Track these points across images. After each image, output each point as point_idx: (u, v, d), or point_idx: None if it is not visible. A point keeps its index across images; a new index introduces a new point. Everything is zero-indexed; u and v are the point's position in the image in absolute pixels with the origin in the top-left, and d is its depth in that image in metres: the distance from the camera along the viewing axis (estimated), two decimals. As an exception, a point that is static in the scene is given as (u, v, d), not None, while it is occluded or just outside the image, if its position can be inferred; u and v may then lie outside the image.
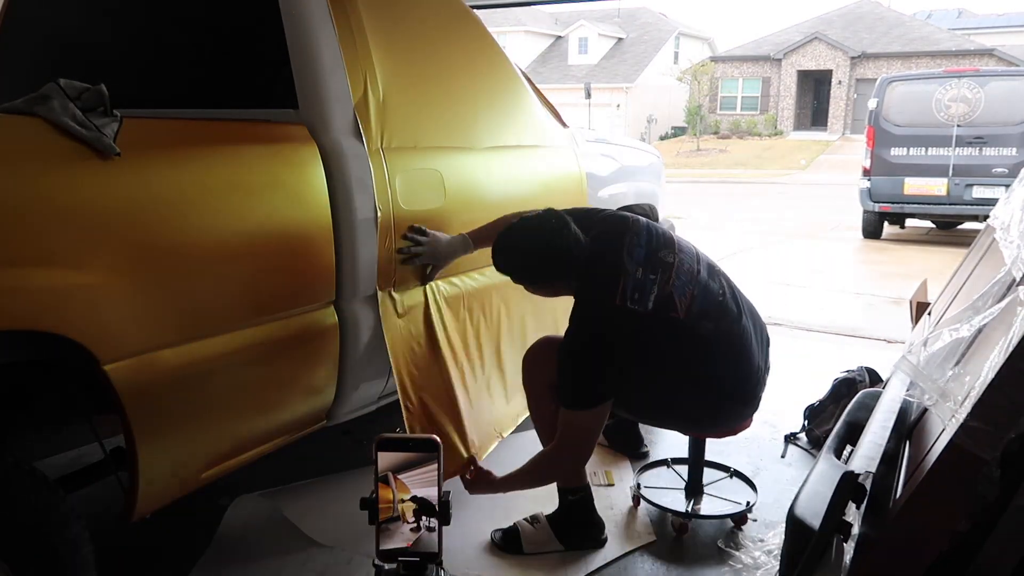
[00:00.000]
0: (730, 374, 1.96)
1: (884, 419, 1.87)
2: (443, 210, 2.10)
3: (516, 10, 27.29)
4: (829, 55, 28.32)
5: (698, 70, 29.27)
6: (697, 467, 2.29)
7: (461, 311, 2.22)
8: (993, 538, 1.25)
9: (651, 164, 3.61)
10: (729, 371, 1.96)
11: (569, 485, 2.06)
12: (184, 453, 1.52)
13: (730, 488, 2.36)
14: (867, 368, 2.93)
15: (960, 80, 8.15)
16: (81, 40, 2.24)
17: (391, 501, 1.07)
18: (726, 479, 2.41)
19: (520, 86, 2.61)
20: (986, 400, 1.23)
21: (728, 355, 1.95)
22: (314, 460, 2.52)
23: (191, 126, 1.59)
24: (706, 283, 1.95)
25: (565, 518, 2.07)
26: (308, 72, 1.79)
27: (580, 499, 2.07)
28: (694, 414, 2.03)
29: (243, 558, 1.99)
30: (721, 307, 1.94)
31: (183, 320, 1.44)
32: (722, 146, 25.99)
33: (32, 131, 1.25)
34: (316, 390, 1.84)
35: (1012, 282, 1.58)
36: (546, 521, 2.08)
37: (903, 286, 5.56)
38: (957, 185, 7.99)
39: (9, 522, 1.21)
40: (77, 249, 1.26)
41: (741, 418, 2.07)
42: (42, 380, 1.54)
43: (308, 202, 1.72)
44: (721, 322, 1.93)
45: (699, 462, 2.29)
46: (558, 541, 2.05)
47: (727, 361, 1.95)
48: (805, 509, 1.58)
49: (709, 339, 1.90)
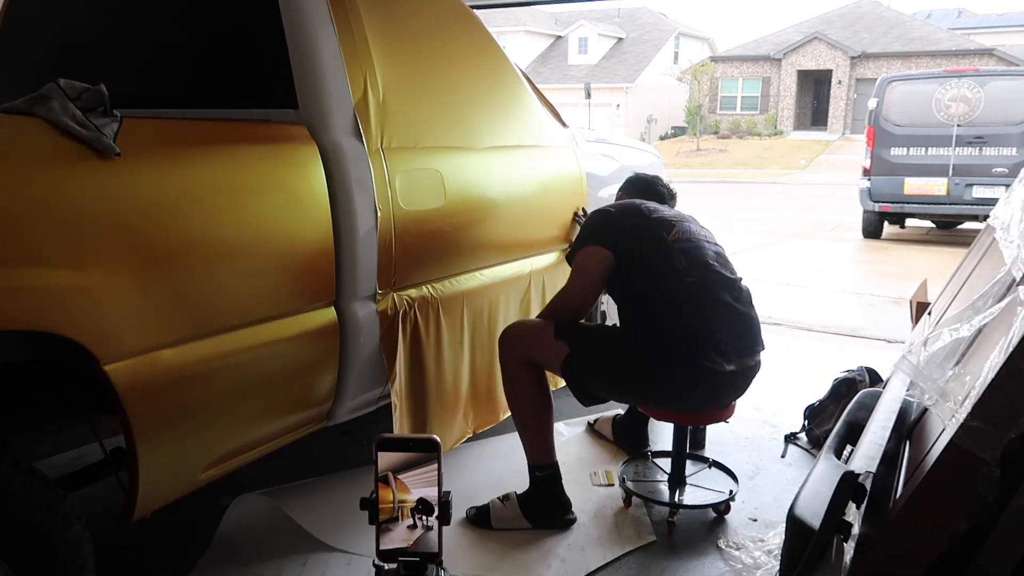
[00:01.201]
0: (683, 324, 2.00)
1: (884, 419, 1.87)
2: (443, 210, 2.10)
3: (516, 10, 27.29)
4: (829, 55, 28.32)
5: (698, 70, 29.28)
6: (680, 458, 2.32)
7: (459, 311, 2.22)
8: (993, 538, 1.25)
9: (651, 164, 3.61)
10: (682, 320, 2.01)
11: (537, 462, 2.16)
12: (184, 453, 1.52)
13: (711, 478, 2.40)
14: (867, 368, 2.93)
15: (960, 80, 8.15)
16: (81, 40, 2.24)
17: (391, 501, 1.07)
18: (705, 469, 2.45)
19: (520, 86, 2.61)
20: (986, 400, 1.23)
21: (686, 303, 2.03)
22: (314, 460, 2.52)
23: (191, 126, 1.59)
24: (703, 246, 2.14)
25: (533, 496, 2.15)
26: (308, 72, 1.79)
27: (548, 476, 2.16)
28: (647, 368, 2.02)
29: (243, 558, 1.99)
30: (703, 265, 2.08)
31: (183, 320, 1.44)
32: (722, 146, 25.99)
33: (32, 131, 1.25)
34: (316, 390, 1.84)
35: (1012, 282, 1.58)
36: (516, 500, 2.16)
37: (903, 286, 5.57)
38: (957, 185, 8.00)
39: (9, 522, 1.21)
40: (77, 249, 1.26)
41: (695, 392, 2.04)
42: (42, 380, 1.54)
43: (308, 202, 1.72)
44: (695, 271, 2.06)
45: (682, 453, 2.31)
46: (524, 519, 2.13)
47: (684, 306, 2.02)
48: (805, 509, 1.57)
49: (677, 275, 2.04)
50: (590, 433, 2.84)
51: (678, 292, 2.04)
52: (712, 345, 1.99)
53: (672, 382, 2.03)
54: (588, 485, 2.44)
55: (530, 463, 2.17)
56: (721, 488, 2.32)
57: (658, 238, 2.11)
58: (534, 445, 2.16)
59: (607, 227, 2.18)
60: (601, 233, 2.16)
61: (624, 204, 2.28)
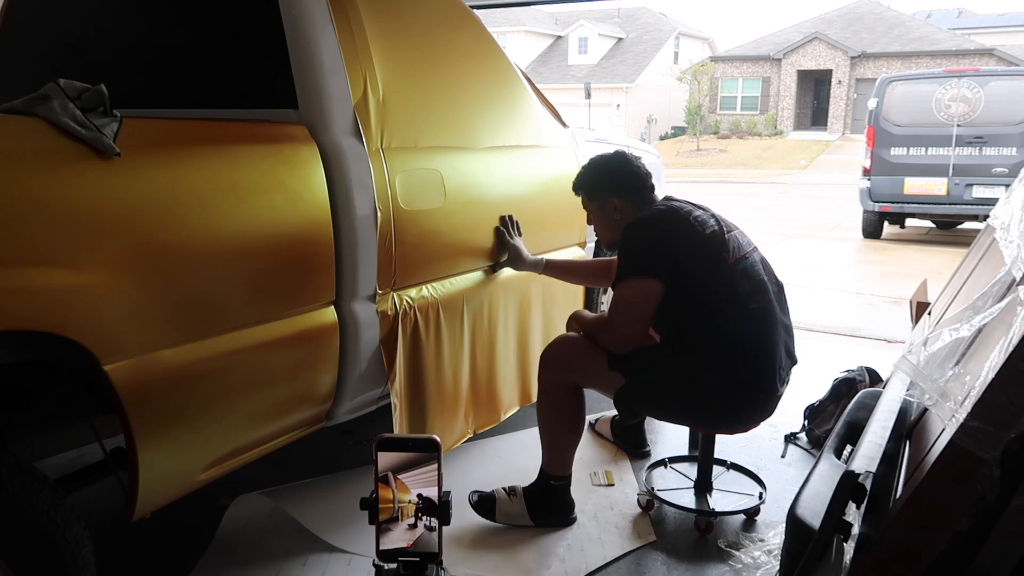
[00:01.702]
0: (750, 351, 1.94)
1: (884, 419, 1.87)
2: (443, 210, 2.10)
3: (516, 10, 27.30)
4: (829, 55, 28.32)
5: (698, 70, 29.27)
6: (707, 464, 2.29)
7: (459, 311, 2.22)
8: (993, 538, 1.25)
9: (651, 164, 3.59)
10: (750, 347, 1.94)
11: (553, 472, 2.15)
12: (184, 453, 1.51)
13: (735, 481, 2.37)
14: (867, 368, 2.93)
15: (960, 80, 8.15)
16: (81, 40, 2.24)
17: (391, 501, 1.07)
18: (725, 473, 2.43)
19: (520, 86, 2.61)
20: (986, 400, 1.23)
21: (754, 330, 1.95)
22: (314, 460, 2.52)
23: (191, 126, 1.59)
24: (756, 262, 2.04)
25: (542, 497, 2.15)
26: (308, 72, 1.79)
27: (562, 486, 2.17)
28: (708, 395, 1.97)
29: (243, 558, 1.99)
30: (762, 286, 1.99)
31: (183, 320, 1.44)
32: (722, 146, 25.99)
33: (32, 131, 1.25)
34: (316, 390, 1.84)
35: (1012, 282, 1.58)
36: (522, 495, 2.16)
37: (903, 286, 5.57)
38: (957, 185, 8.00)
39: (9, 522, 1.21)
40: (77, 249, 1.26)
41: (751, 412, 2.02)
42: (42, 380, 1.54)
43: (308, 202, 1.72)
44: (758, 295, 1.96)
45: (708, 459, 2.29)
46: (528, 516, 2.14)
47: (751, 333, 1.95)
48: (805, 509, 1.58)
49: (743, 300, 1.94)
50: (590, 433, 2.84)
51: (745, 321, 1.95)
52: (775, 372, 1.98)
53: (733, 408, 2.00)
54: (588, 485, 2.44)
55: (547, 471, 2.16)
56: (748, 491, 2.30)
57: (719, 260, 1.96)
58: (556, 457, 2.16)
59: (660, 252, 1.97)
60: (653, 259, 1.96)
61: (671, 217, 2.02)
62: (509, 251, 2.36)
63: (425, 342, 2.07)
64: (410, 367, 2.03)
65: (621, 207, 2.15)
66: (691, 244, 1.97)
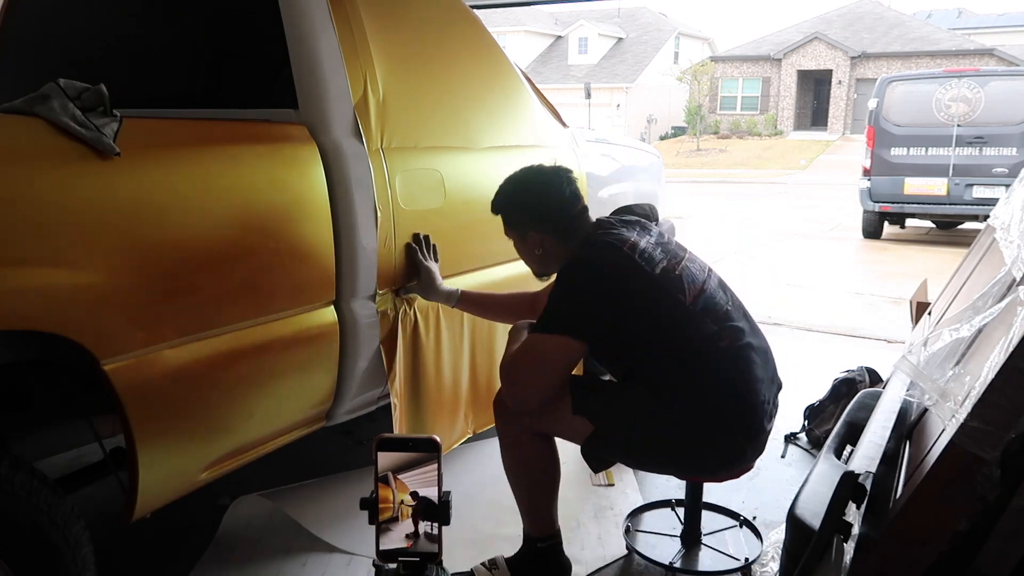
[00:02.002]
0: (730, 395, 1.69)
1: (884, 419, 1.87)
2: (443, 210, 2.10)
3: (516, 10, 27.27)
4: (829, 55, 28.32)
5: (698, 70, 29.27)
6: (694, 513, 2.06)
7: (458, 311, 2.22)
8: (993, 538, 1.25)
9: (651, 164, 3.61)
10: (729, 391, 1.69)
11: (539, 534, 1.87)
12: (184, 453, 1.52)
13: (732, 539, 2.10)
14: (867, 368, 2.93)
15: (960, 80, 8.15)
16: (81, 40, 2.24)
17: (391, 501, 1.07)
18: (734, 528, 2.16)
19: (520, 86, 2.61)
20: (986, 400, 1.23)
21: (730, 371, 1.70)
22: (314, 460, 2.52)
23: (191, 126, 1.59)
24: (714, 290, 1.79)
25: (529, 567, 1.88)
26: (308, 72, 1.79)
27: (550, 547, 1.88)
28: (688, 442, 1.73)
29: (243, 558, 1.99)
30: (727, 316, 1.75)
31: (183, 320, 1.44)
32: (722, 146, 25.99)
33: (32, 131, 1.25)
34: (316, 390, 1.84)
35: (1012, 282, 1.58)
36: (506, 567, 1.88)
37: (903, 286, 5.56)
38: (957, 185, 7.99)
39: (9, 522, 1.21)
40: (77, 249, 1.26)
41: (740, 458, 1.77)
42: (42, 380, 1.54)
43: (308, 202, 1.72)
44: (724, 329, 1.72)
45: (696, 506, 2.06)
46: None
47: (728, 376, 1.70)
48: (805, 509, 1.58)
49: (712, 341, 1.70)
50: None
51: (718, 363, 1.70)
52: (761, 411, 1.73)
53: (718, 454, 1.75)
54: (588, 485, 2.44)
55: (530, 534, 1.88)
56: (737, 554, 2.01)
57: (675, 303, 1.71)
58: (537, 516, 1.87)
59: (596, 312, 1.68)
60: (587, 319, 1.69)
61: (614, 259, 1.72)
62: (421, 275, 1.98)
63: (425, 342, 2.07)
64: (410, 367, 2.03)
65: (542, 241, 1.86)
66: (645, 295, 1.71)
